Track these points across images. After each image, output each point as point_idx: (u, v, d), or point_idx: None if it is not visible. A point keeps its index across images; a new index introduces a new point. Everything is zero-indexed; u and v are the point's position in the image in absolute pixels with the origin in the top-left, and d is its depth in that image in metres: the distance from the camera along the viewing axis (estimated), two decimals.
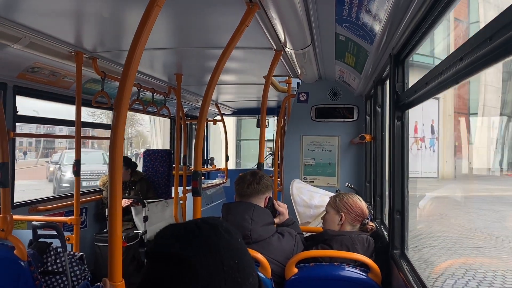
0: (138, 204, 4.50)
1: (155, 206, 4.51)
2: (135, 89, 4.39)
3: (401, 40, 1.98)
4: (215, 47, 3.26)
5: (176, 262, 0.88)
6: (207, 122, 7.35)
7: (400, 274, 1.95)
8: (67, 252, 2.84)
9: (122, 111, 1.55)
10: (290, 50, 2.94)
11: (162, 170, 5.41)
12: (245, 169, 7.94)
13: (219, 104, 7.00)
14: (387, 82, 2.75)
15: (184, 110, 6.03)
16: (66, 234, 3.18)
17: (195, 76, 4.67)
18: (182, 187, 4.85)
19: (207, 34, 2.99)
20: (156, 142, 11.68)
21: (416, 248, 6.32)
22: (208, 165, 8.08)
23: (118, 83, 1.75)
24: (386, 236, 2.49)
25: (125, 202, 4.54)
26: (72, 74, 3.57)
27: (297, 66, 3.61)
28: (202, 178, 2.46)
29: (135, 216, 4.45)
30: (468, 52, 1.19)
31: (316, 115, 4.44)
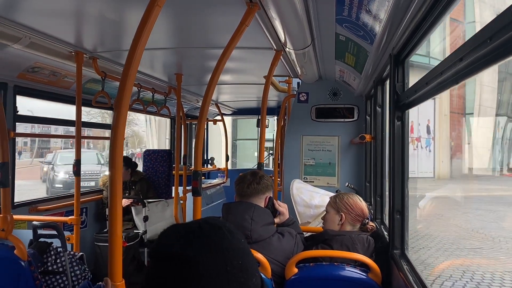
0: (138, 204, 4.50)
1: (155, 206, 4.52)
2: (135, 89, 4.40)
3: (401, 40, 1.98)
4: (215, 47, 3.26)
5: (179, 262, 0.88)
6: (207, 122, 7.35)
7: (400, 274, 1.95)
8: (67, 252, 2.84)
9: (122, 111, 1.55)
10: (290, 50, 2.94)
11: (162, 170, 5.42)
12: (241, 169, 7.95)
13: (219, 104, 7.00)
14: (387, 82, 2.75)
15: (184, 110, 6.03)
16: (66, 234, 3.19)
17: (195, 76, 4.67)
18: (182, 187, 4.85)
19: (207, 34, 2.99)
20: (152, 142, 11.64)
21: (412, 249, 6.28)
22: (208, 165, 8.09)
23: (118, 83, 1.75)
24: (386, 236, 2.49)
25: (125, 202, 4.54)
26: (73, 74, 3.57)
27: (297, 66, 3.61)
28: (202, 178, 2.46)
29: (135, 216, 4.46)
30: (468, 52, 1.19)
31: (316, 115, 4.44)
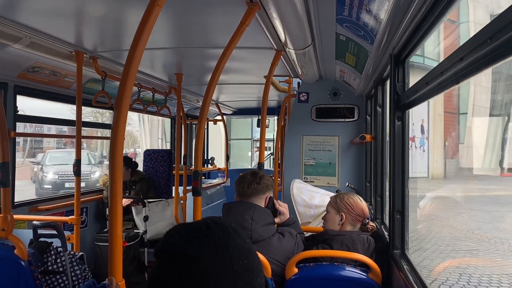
0: (138, 203, 4.50)
1: (155, 205, 4.52)
2: (135, 88, 4.39)
3: (401, 40, 1.98)
4: (216, 47, 3.26)
5: (184, 261, 0.88)
6: (207, 122, 7.35)
7: (401, 274, 1.95)
8: (68, 251, 2.84)
9: (122, 111, 1.55)
10: (290, 50, 2.94)
11: (162, 169, 5.42)
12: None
13: (219, 104, 7.00)
14: (388, 82, 2.75)
15: (185, 110, 6.03)
16: (67, 233, 3.18)
17: (196, 76, 4.67)
18: (182, 187, 4.85)
19: (207, 34, 2.99)
20: (145, 142, 11.60)
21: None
22: (209, 165, 8.09)
23: (118, 83, 1.75)
24: (387, 236, 2.49)
25: (125, 202, 4.54)
26: (73, 74, 3.57)
27: (297, 66, 3.61)
28: (203, 178, 2.46)
29: (135, 216, 4.46)
30: (468, 52, 1.19)
31: (316, 115, 4.44)
